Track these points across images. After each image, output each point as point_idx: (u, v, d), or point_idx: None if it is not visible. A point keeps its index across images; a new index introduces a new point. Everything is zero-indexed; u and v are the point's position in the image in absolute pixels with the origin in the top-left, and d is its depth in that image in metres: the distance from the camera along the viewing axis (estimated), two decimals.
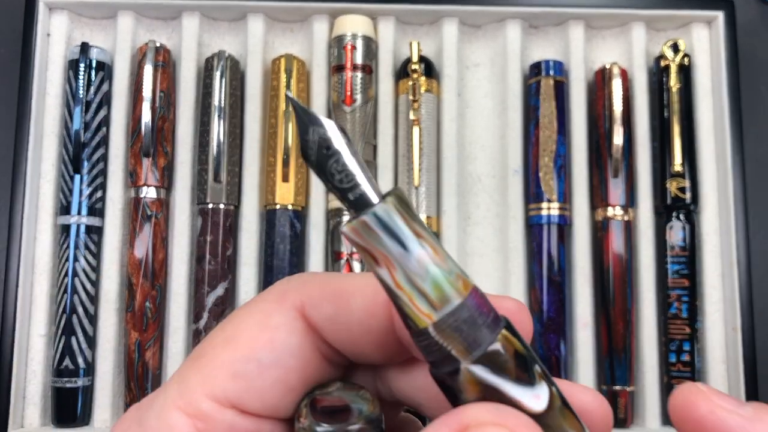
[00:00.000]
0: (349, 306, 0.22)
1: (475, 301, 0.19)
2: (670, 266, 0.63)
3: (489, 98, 0.67)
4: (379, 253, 0.19)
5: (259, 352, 0.21)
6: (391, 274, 0.19)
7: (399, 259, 0.19)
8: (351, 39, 0.64)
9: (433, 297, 0.19)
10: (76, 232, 0.61)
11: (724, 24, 0.64)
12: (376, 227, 0.18)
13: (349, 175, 0.19)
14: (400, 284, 0.19)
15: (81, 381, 0.59)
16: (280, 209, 0.62)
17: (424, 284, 0.19)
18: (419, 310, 0.19)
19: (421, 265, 0.19)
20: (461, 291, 0.19)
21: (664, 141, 0.64)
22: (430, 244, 0.19)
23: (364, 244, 0.19)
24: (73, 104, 0.62)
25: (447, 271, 0.19)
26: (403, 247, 0.18)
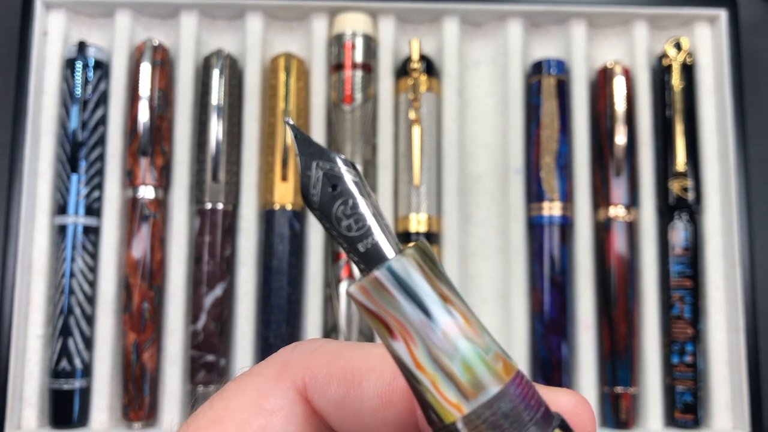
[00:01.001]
0: (362, 391, 0.18)
1: (521, 390, 0.15)
2: (672, 267, 0.62)
3: (490, 97, 0.66)
4: (394, 320, 0.15)
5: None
6: (410, 349, 0.15)
7: (420, 330, 0.15)
8: (351, 37, 0.63)
9: (465, 382, 0.15)
10: (73, 233, 0.60)
11: (727, 22, 0.64)
12: (391, 287, 0.15)
13: (360, 221, 0.15)
14: (420, 363, 0.15)
15: (78, 382, 0.59)
16: (278, 209, 0.61)
17: (452, 364, 0.15)
18: (445, 398, 0.15)
19: (449, 339, 0.15)
20: (501, 375, 0.15)
21: (667, 140, 0.63)
22: (461, 311, 0.15)
23: (375, 309, 0.15)
24: (70, 103, 0.61)
25: (483, 347, 0.15)
26: (426, 314, 0.15)
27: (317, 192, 0.16)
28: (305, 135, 0.16)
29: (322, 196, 0.16)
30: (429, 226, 0.61)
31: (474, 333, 0.15)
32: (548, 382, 0.61)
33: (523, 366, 0.61)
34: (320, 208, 0.16)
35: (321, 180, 0.16)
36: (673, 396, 0.61)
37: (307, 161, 0.16)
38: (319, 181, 0.16)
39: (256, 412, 0.18)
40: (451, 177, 0.63)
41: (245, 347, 0.60)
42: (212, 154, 0.61)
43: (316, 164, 0.16)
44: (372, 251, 0.15)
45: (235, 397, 0.18)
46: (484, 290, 0.64)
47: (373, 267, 0.15)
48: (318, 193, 0.16)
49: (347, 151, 0.62)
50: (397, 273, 0.15)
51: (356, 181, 0.16)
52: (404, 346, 0.15)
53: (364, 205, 0.16)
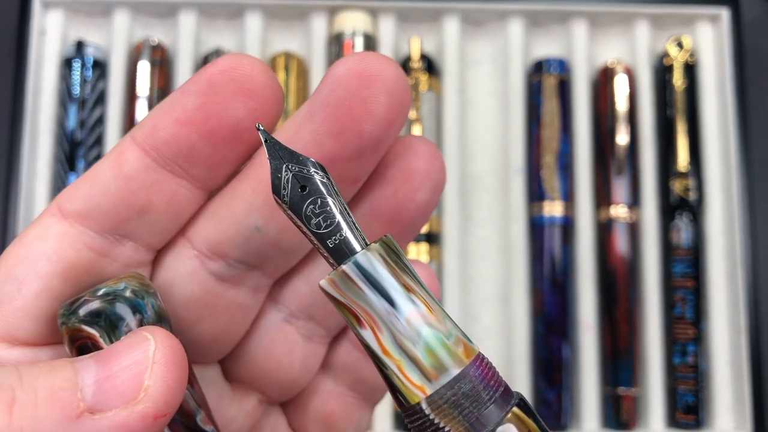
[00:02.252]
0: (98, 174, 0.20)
1: (480, 371, 0.16)
2: (674, 267, 0.62)
3: (491, 96, 0.66)
4: (362, 310, 0.16)
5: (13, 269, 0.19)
6: (376, 336, 0.16)
7: (386, 318, 0.16)
8: (350, 36, 0.63)
9: (427, 365, 0.16)
10: None
11: (729, 21, 0.64)
12: (357, 279, 0.16)
13: (329, 219, 0.16)
14: (386, 349, 0.16)
15: None
16: None
17: (415, 349, 0.16)
18: (410, 381, 0.16)
19: (413, 326, 0.16)
20: (462, 358, 0.16)
21: (669, 140, 0.63)
22: (424, 300, 0.16)
23: (344, 300, 0.16)
24: (68, 102, 0.61)
25: (445, 333, 0.16)
26: (391, 304, 0.16)
27: (287, 192, 0.17)
28: (275, 139, 0.17)
29: (292, 197, 0.17)
30: (429, 226, 0.61)
31: (436, 320, 0.16)
32: (549, 383, 0.61)
33: (524, 367, 0.61)
34: (291, 207, 0.17)
35: (291, 181, 0.17)
36: (675, 397, 0.61)
37: (278, 164, 0.17)
38: (289, 182, 0.17)
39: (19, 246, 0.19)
40: (452, 177, 0.62)
41: None
42: None
43: (286, 166, 0.17)
44: (340, 247, 0.16)
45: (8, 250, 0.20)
46: (485, 290, 0.63)
47: (341, 261, 0.16)
48: (288, 194, 0.17)
49: None
50: (363, 266, 0.16)
51: (324, 182, 0.17)
52: (371, 334, 0.16)
53: (332, 203, 0.17)
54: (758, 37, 0.68)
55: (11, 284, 0.19)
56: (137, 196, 0.19)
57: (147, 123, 0.19)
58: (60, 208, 0.19)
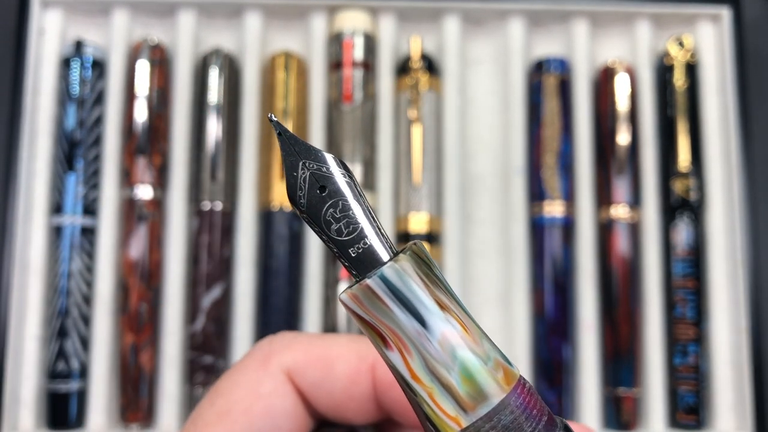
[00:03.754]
0: (333, 372, 0.21)
1: (522, 400, 0.14)
2: (675, 267, 0.62)
3: (491, 96, 0.66)
4: (388, 330, 0.14)
5: (257, 423, 0.20)
6: (405, 360, 0.14)
7: (416, 340, 0.14)
8: (350, 35, 0.62)
9: (463, 394, 0.14)
10: (71, 233, 0.59)
11: (730, 20, 0.63)
12: (384, 295, 0.14)
13: (351, 224, 0.14)
14: (416, 375, 0.14)
15: (75, 384, 0.58)
16: (277, 209, 0.61)
17: (450, 376, 0.14)
18: (443, 411, 0.14)
19: (446, 349, 0.14)
20: (502, 385, 0.14)
21: (670, 139, 0.63)
22: (459, 319, 0.14)
23: (368, 318, 0.14)
24: (67, 102, 0.61)
25: (483, 357, 0.14)
26: (422, 324, 0.14)
27: (304, 194, 0.15)
28: (290, 133, 0.15)
29: (309, 198, 0.15)
30: (430, 226, 0.61)
31: (473, 341, 0.14)
32: (550, 383, 0.60)
33: (525, 367, 0.61)
34: (308, 210, 0.15)
35: (308, 180, 0.15)
36: (676, 397, 0.60)
37: (294, 161, 0.15)
38: (306, 181, 0.15)
39: (255, 398, 0.21)
40: (452, 176, 0.62)
41: (244, 348, 0.60)
42: (210, 154, 0.60)
43: (303, 164, 0.15)
44: (363, 256, 0.14)
45: (232, 390, 0.21)
46: (485, 291, 0.63)
47: (365, 273, 0.14)
48: (305, 195, 0.15)
49: (347, 151, 0.61)
50: (390, 281, 0.14)
51: (347, 182, 0.15)
52: (399, 357, 0.14)
53: (356, 207, 0.15)
54: (759, 36, 0.68)
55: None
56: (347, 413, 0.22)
57: None
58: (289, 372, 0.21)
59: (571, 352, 0.61)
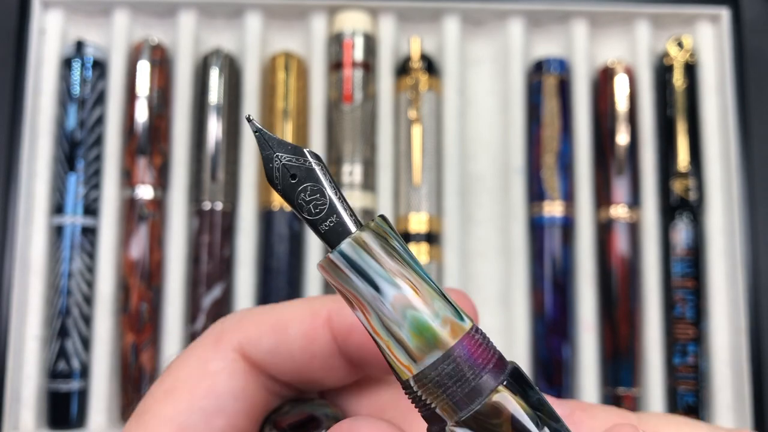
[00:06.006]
0: (288, 335, 0.21)
1: (467, 351, 0.17)
2: (674, 267, 0.62)
3: (491, 96, 0.66)
4: (351, 294, 0.17)
5: (200, 401, 0.20)
6: (366, 318, 0.17)
7: (372, 303, 0.16)
8: (350, 35, 0.63)
9: (412, 347, 0.16)
10: (71, 233, 0.60)
11: (730, 21, 0.63)
12: (343, 267, 0.16)
13: (320, 205, 0.17)
14: (376, 330, 0.17)
15: (76, 384, 0.59)
16: (278, 209, 0.61)
17: (401, 332, 0.16)
18: (398, 360, 0.17)
19: (398, 310, 0.16)
20: (447, 339, 0.17)
21: (669, 139, 0.63)
22: (411, 282, 0.17)
23: (335, 284, 0.17)
24: (68, 102, 0.61)
25: (431, 314, 0.17)
26: (376, 289, 0.16)
27: (279, 182, 0.17)
28: (265, 130, 0.18)
29: (284, 186, 0.17)
30: (429, 226, 0.61)
31: (422, 302, 0.17)
32: (550, 383, 0.61)
33: (524, 367, 0.61)
34: (284, 196, 0.17)
35: (281, 170, 0.17)
36: (675, 397, 0.61)
37: (269, 154, 0.17)
38: (280, 171, 0.17)
39: (202, 376, 0.21)
40: (452, 176, 0.62)
41: None
42: (211, 154, 0.60)
43: (276, 156, 0.18)
44: (332, 232, 0.17)
45: (181, 368, 0.21)
46: (485, 290, 0.63)
47: (334, 246, 0.17)
48: (280, 183, 0.17)
49: (347, 151, 0.61)
50: (347, 255, 0.16)
51: (313, 168, 0.17)
52: (362, 315, 0.17)
53: (323, 189, 0.17)
54: (758, 37, 0.68)
55: (197, 416, 0.20)
56: (315, 374, 0.21)
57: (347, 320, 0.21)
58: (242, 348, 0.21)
59: (570, 352, 0.61)
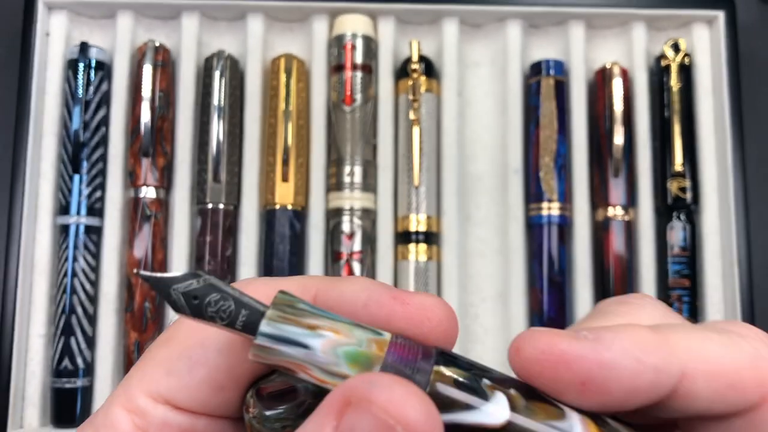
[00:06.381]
0: None
1: (397, 356, 0.19)
2: (670, 266, 0.62)
3: (489, 98, 0.67)
4: (287, 363, 0.19)
5: (190, 350, 0.21)
6: (309, 375, 0.19)
7: (307, 360, 0.18)
8: (351, 38, 0.63)
9: (355, 374, 0.18)
10: (75, 232, 0.60)
11: (725, 24, 0.64)
12: (270, 344, 0.18)
13: (228, 309, 0.19)
14: (322, 379, 0.18)
15: (80, 381, 0.59)
16: (279, 209, 0.62)
17: (340, 369, 0.18)
18: None
19: (329, 353, 0.18)
20: (378, 354, 0.18)
21: (665, 141, 0.64)
22: (329, 327, 0.19)
23: (272, 362, 0.19)
24: (72, 104, 0.61)
25: (356, 343, 0.19)
26: (305, 347, 0.18)
27: (187, 309, 0.19)
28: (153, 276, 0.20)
29: (191, 309, 0.19)
30: (428, 226, 0.62)
31: (345, 337, 0.19)
32: None
33: None
34: (195, 316, 0.19)
35: (182, 299, 0.19)
36: None
37: (166, 292, 0.19)
38: (181, 299, 0.19)
39: (196, 329, 0.22)
40: (451, 177, 0.63)
41: None
42: (213, 155, 0.61)
43: (173, 290, 0.19)
44: (247, 323, 0.19)
45: (181, 322, 0.22)
46: (484, 290, 0.64)
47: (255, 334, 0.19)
48: (188, 309, 0.19)
49: (347, 152, 0.62)
50: (269, 333, 0.19)
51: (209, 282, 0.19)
52: (306, 375, 0.19)
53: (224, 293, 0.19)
54: (754, 39, 0.69)
55: (183, 362, 0.21)
56: None
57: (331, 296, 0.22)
58: None
59: None
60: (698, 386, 0.18)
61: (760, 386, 0.18)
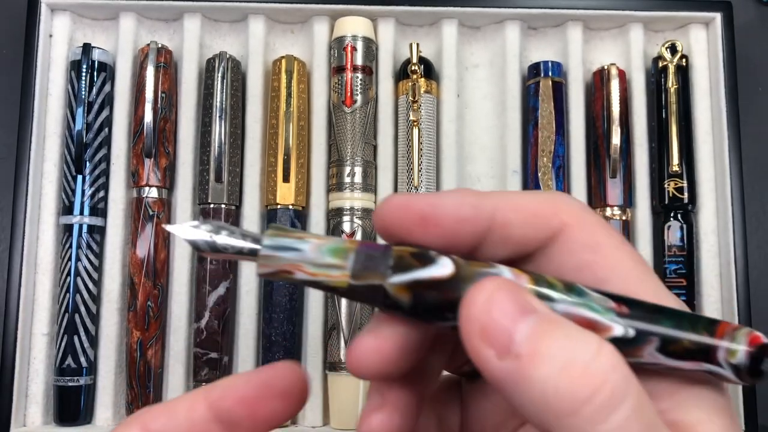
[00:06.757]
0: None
1: (365, 246, 0.24)
2: (667, 266, 0.63)
3: (488, 99, 0.67)
4: (286, 266, 0.24)
5: None
6: (303, 271, 0.24)
7: (301, 259, 0.24)
8: (351, 40, 0.64)
9: (337, 261, 0.24)
10: (78, 232, 0.61)
11: (722, 25, 0.65)
12: (272, 253, 0.24)
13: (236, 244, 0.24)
14: (312, 272, 0.24)
15: (83, 380, 0.60)
16: (280, 209, 0.62)
17: (325, 259, 0.24)
18: (334, 277, 0.24)
19: (315, 251, 0.24)
20: (351, 246, 0.24)
21: (662, 141, 0.64)
22: (312, 237, 0.24)
23: (275, 269, 0.24)
24: (75, 105, 0.62)
25: (334, 242, 0.24)
26: (297, 251, 0.24)
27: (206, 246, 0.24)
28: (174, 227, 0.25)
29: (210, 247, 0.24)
30: None
31: (326, 241, 0.24)
32: None
33: None
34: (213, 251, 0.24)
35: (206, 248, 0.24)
36: None
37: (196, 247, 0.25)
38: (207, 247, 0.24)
39: None
40: (450, 178, 0.63)
41: (248, 344, 0.61)
42: (215, 155, 0.62)
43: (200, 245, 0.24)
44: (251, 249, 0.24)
45: None
46: None
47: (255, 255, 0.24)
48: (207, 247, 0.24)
49: (348, 153, 0.63)
50: (269, 244, 0.24)
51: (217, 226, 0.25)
52: (301, 272, 0.24)
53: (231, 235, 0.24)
54: (750, 40, 0.69)
55: None
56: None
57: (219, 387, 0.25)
58: None
59: None
60: (509, 216, 0.24)
61: (557, 214, 0.24)
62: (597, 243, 0.24)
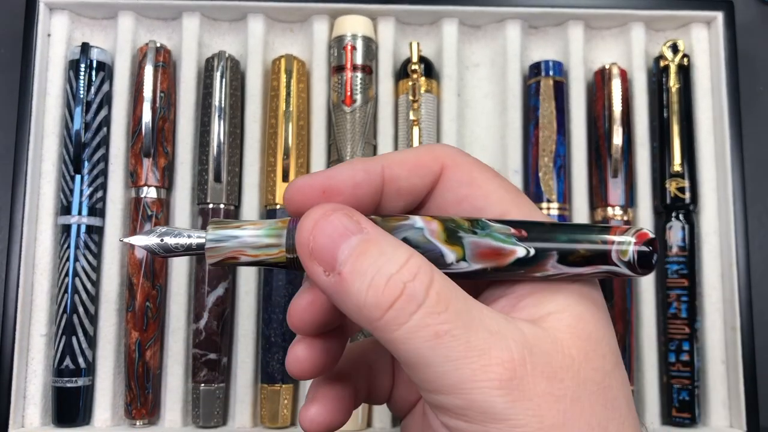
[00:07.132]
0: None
1: (294, 223, 0.27)
2: (669, 266, 0.63)
3: (489, 98, 0.67)
4: (231, 252, 0.27)
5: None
6: (246, 255, 0.27)
7: (242, 245, 0.27)
8: (351, 39, 0.64)
9: (273, 241, 0.27)
10: (77, 232, 0.61)
11: (724, 24, 0.64)
12: (216, 244, 0.27)
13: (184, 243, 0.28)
14: (253, 254, 0.27)
15: (81, 381, 0.60)
16: (280, 209, 0.62)
17: (263, 240, 0.27)
18: (273, 255, 0.27)
19: (253, 235, 0.27)
20: (283, 225, 0.27)
21: (664, 141, 0.64)
22: (249, 224, 0.27)
23: (222, 257, 0.27)
24: (73, 104, 0.62)
25: (268, 225, 0.27)
26: (238, 238, 0.27)
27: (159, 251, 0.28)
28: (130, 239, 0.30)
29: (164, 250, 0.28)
30: None
31: (261, 225, 0.27)
32: None
33: None
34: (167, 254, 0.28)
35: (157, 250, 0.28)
36: (670, 394, 0.62)
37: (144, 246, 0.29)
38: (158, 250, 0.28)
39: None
40: None
41: (247, 345, 0.61)
42: (214, 155, 0.61)
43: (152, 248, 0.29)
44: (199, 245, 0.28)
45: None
46: None
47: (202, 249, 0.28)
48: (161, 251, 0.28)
49: (347, 152, 0.62)
50: (213, 237, 0.27)
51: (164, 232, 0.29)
52: (243, 256, 0.27)
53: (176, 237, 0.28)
54: (752, 39, 0.69)
55: None
56: None
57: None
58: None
59: None
60: (397, 171, 0.28)
61: (436, 160, 0.29)
62: (472, 178, 0.28)
